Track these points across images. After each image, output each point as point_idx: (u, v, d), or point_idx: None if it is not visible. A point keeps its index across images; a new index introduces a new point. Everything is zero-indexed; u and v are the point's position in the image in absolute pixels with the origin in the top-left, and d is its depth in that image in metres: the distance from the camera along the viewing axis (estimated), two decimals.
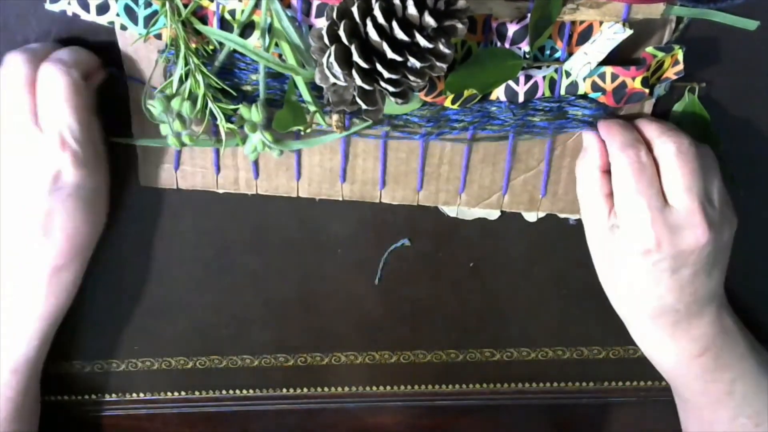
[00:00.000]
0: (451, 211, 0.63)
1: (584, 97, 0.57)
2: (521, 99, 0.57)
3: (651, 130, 0.56)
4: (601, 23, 0.54)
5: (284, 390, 0.73)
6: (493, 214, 0.64)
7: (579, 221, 0.64)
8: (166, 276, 0.67)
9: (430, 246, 0.66)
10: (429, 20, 0.46)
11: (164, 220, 0.64)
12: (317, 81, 0.49)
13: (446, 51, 0.47)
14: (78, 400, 0.73)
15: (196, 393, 0.74)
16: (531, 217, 0.64)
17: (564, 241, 0.66)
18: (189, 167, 0.60)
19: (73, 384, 0.72)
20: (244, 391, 0.74)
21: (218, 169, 0.60)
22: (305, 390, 0.73)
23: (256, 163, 0.60)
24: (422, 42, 0.46)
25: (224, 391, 0.74)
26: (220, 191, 0.61)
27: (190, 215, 0.64)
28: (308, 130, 0.57)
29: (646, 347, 0.63)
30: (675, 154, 0.54)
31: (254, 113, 0.54)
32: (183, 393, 0.74)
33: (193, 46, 0.54)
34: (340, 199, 0.62)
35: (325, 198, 0.62)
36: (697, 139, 0.56)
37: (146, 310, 0.68)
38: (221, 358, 0.72)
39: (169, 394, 0.73)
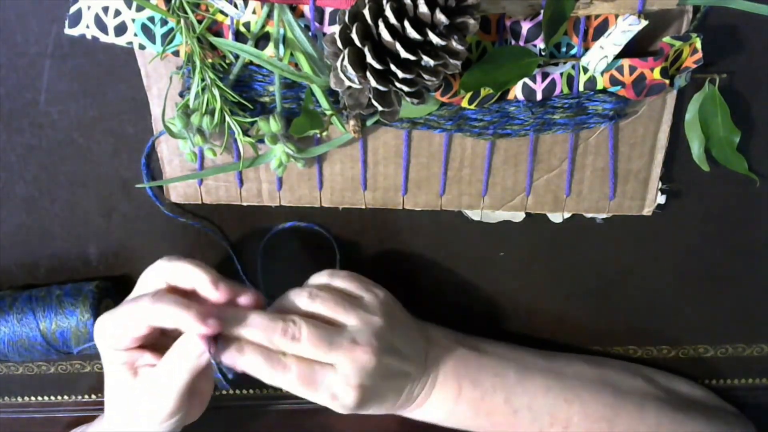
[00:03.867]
0: (474, 214, 0.63)
1: (604, 91, 0.56)
2: (539, 97, 0.56)
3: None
4: (616, 17, 0.53)
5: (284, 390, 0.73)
6: (518, 216, 0.63)
7: (606, 220, 0.63)
8: None
9: (428, 245, 0.67)
10: (440, 17, 0.46)
11: (162, 221, 0.64)
12: (332, 85, 0.50)
13: (459, 48, 0.47)
14: (78, 401, 0.74)
15: None
16: (556, 217, 0.63)
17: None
18: (212, 181, 0.61)
19: (73, 384, 0.72)
20: (244, 391, 0.74)
21: (241, 183, 0.61)
22: None
23: None
24: (435, 40, 0.46)
25: (223, 392, 0.73)
26: (245, 204, 0.62)
27: (188, 216, 0.64)
28: (324, 133, 0.57)
29: (422, 418, 0.64)
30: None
31: (273, 124, 0.55)
32: None
33: (209, 60, 0.54)
34: (363, 207, 0.62)
35: (348, 207, 0.62)
36: (718, 129, 0.57)
37: None
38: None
39: None
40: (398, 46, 0.46)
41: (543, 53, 0.54)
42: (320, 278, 0.60)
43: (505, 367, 0.63)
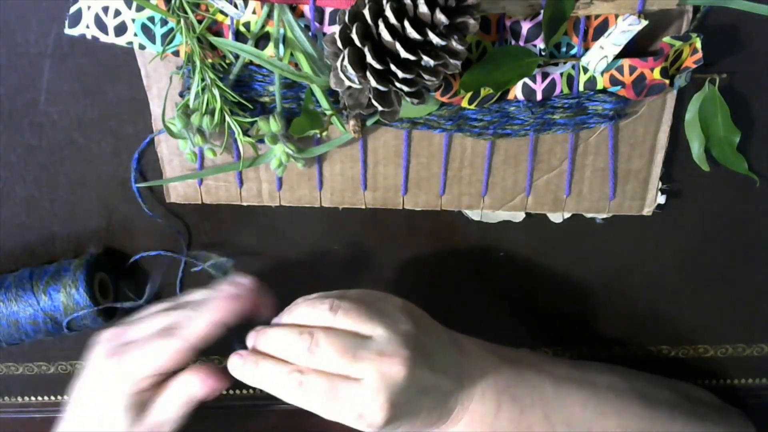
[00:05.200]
0: (474, 214, 0.63)
1: (604, 91, 0.56)
2: (539, 97, 0.56)
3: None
4: (616, 17, 0.53)
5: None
6: (518, 217, 0.63)
7: (606, 220, 0.63)
8: (166, 275, 0.67)
9: (428, 245, 0.67)
10: (440, 17, 0.46)
11: (162, 221, 0.64)
12: (332, 86, 0.50)
13: (459, 48, 0.47)
14: None
15: None
16: (556, 217, 0.63)
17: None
18: (212, 182, 0.61)
19: (72, 384, 0.72)
20: (244, 391, 0.74)
21: (241, 182, 0.61)
22: None
23: None
24: (435, 40, 0.46)
25: (224, 391, 0.73)
26: (245, 204, 0.62)
27: (188, 217, 0.65)
28: (324, 133, 0.57)
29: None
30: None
31: (273, 124, 0.55)
32: None
33: (209, 60, 0.54)
34: (363, 207, 0.62)
35: (348, 207, 0.62)
36: (718, 129, 0.57)
37: None
38: (221, 359, 0.71)
39: None
40: (398, 46, 0.46)
41: (543, 53, 0.54)
42: (333, 293, 0.55)
43: (541, 379, 0.59)
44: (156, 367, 0.53)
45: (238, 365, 0.53)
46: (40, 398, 0.73)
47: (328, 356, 0.50)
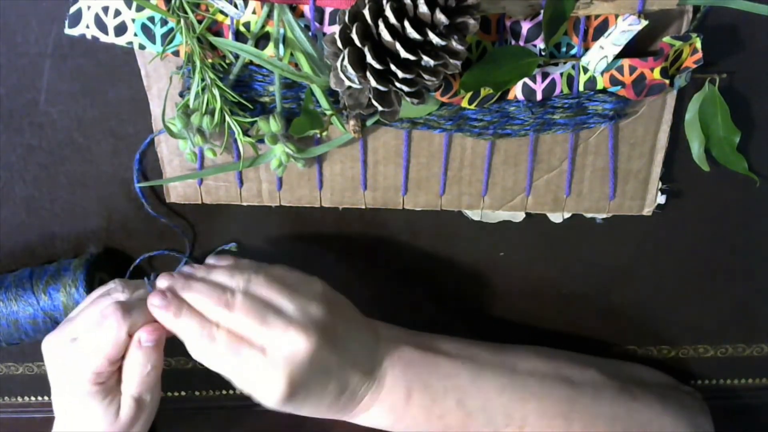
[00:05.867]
0: (474, 214, 0.63)
1: (604, 91, 0.56)
2: (539, 97, 0.56)
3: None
4: (616, 17, 0.53)
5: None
6: (518, 216, 0.63)
7: (606, 220, 0.63)
8: None
9: (428, 245, 0.67)
10: (440, 17, 0.46)
11: (161, 221, 0.64)
12: (332, 85, 0.50)
13: (459, 48, 0.47)
14: None
15: (196, 393, 0.74)
16: (556, 217, 0.63)
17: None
18: (212, 181, 0.61)
19: None
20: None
21: (241, 182, 0.61)
22: None
23: None
24: (435, 40, 0.46)
25: (224, 391, 0.74)
26: (244, 204, 0.62)
27: (188, 217, 0.65)
28: (324, 133, 0.57)
29: (368, 424, 0.60)
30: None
31: (272, 124, 0.55)
32: (183, 393, 0.74)
33: (209, 60, 0.54)
34: (363, 207, 0.62)
35: (348, 207, 0.62)
36: (718, 129, 0.57)
37: None
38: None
39: (169, 393, 0.74)
40: (398, 46, 0.46)
41: (543, 53, 0.54)
42: (255, 264, 0.58)
43: (457, 366, 0.60)
44: (105, 356, 0.53)
45: (162, 306, 0.53)
46: (40, 398, 0.73)
47: (240, 313, 0.52)
